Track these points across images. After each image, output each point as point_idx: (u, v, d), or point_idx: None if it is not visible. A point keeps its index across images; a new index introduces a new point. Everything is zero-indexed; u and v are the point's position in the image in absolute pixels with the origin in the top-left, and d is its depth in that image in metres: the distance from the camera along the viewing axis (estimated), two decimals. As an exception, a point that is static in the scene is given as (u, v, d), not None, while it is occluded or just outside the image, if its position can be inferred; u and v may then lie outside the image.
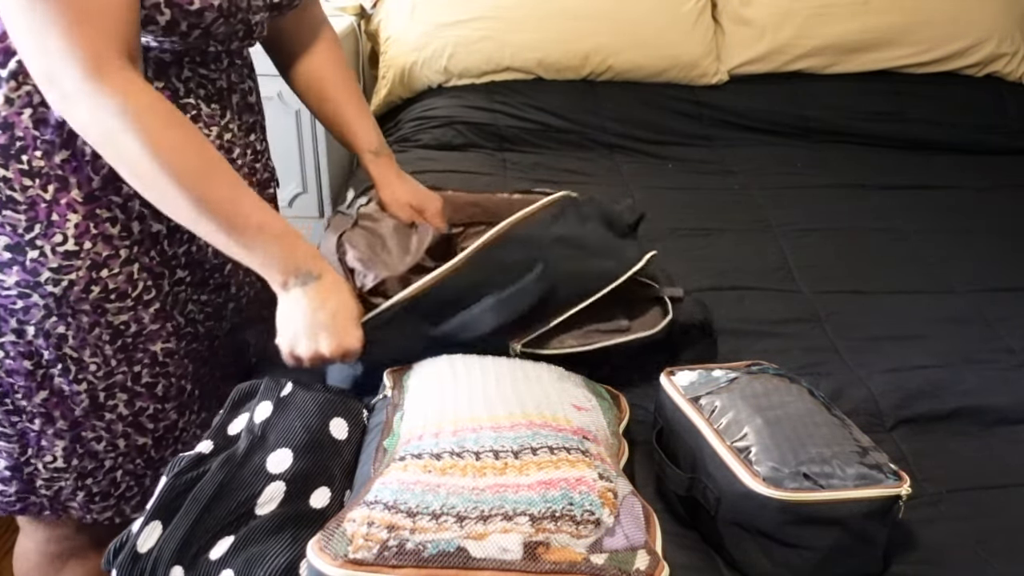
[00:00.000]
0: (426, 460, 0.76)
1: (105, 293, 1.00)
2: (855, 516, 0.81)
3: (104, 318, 1.01)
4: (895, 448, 1.06)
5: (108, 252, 1.00)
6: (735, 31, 2.18)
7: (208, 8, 0.91)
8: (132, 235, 1.01)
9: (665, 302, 1.12)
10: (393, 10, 2.22)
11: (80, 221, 0.97)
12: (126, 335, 1.04)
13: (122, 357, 1.04)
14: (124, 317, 1.03)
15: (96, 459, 1.08)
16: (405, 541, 0.67)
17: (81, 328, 1.01)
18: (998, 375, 1.21)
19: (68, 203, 0.96)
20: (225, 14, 0.94)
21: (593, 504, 0.72)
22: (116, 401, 1.06)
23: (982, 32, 2.17)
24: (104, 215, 0.99)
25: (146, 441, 1.10)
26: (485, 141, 2.00)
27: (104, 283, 1.00)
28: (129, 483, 1.11)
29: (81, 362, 1.02)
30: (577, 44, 2.10)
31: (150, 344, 1.06)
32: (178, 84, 1.00)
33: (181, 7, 0.90)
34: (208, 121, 1.03)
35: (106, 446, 1.07)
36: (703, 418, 0.90)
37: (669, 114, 2.09)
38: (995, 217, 1.74)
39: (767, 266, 1.51)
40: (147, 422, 1.09)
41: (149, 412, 1.09)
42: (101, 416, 1.06)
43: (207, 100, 1.03)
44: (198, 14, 0.91)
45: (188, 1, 0.90)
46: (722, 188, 1.85)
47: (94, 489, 1.09)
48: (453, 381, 0.89)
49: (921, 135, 2.07)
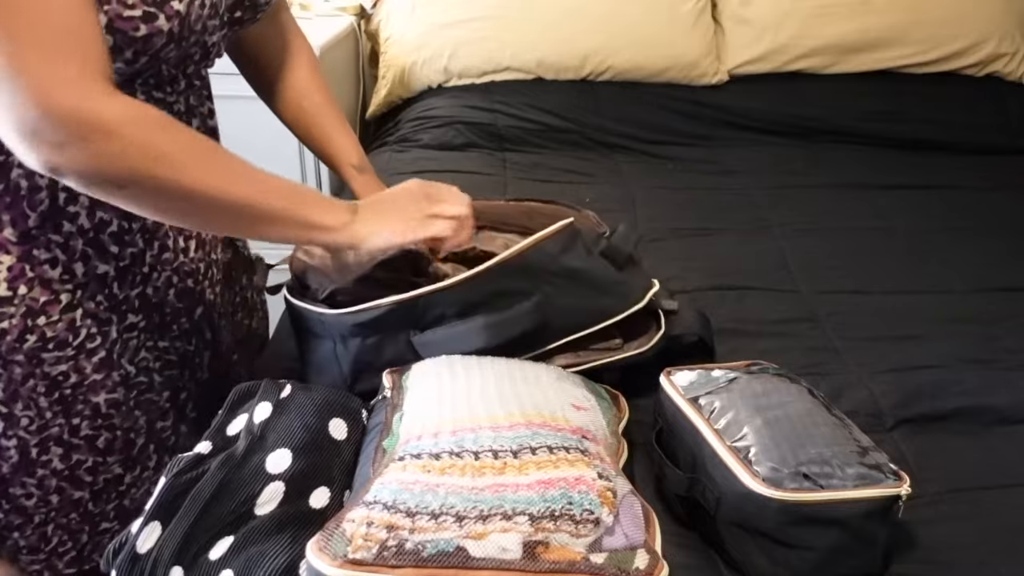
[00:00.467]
0: (425, 460, 0.76)
1: (42, 342, 0.91)
2: (855, 516, 0.81)
3: (40, 368, 0.92)
4: (895, 448, 1.06)
5: (46, 297, 0.90)
6: (735, 31, 2.19)
7: (156, 34, 0.82)
8: (75, 278, 0.91)
9: (659, 316, 1.11)
10: (393, 10, 2.22)
11: (14, 263, 0.88)
12: (64, 386, 0.94)
13: (59, 409, 0.95)
14: (63, 367, 0.93)
15: (24, 514, 0.99)
16: (404, 541, 0.67)
17: (13, 380, 0.91)
18: (998, 375, 1.20)
19: (0, 243, 0.88)
20: (176, 39, 0.84)
21: (592, 503, 0.72)
22: (50, 456, 0.97)
23: (982, 32, 2.17)
24: (42, 256, 0.89)
25: (82, 495, 1.01)
26: (485, 141, 2.00)
27: (41, 331, 0.91)
28: (62, 537, 1.03)
29: (11, 416, 0.93)
30: (577, 44, 2.10)
31: (91, 395, 0.96)
32: None
33: (125, 33, 0.80)
34: None
35: (36, 502, 0.99)
36: (703, 418, 0.90)
37: (669, 114, 2.09)
38: (995, 217, 1.74)
39: (767, 266, 1.51)
40: (84, 475, 1.00)
41: (87, 465, 1.00)
42: (32, 472, 0.97)
43: None
44: (144, 40, 0.82)
45: (133, 27, 0.80)
46: (722, 188, 1.85)
47: (21, 543, 1.01)
48: (452, 381, 0.89)
49: (921, 135, 2.07)
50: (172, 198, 0.80)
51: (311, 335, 1.03)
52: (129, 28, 0.80)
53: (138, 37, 0.81)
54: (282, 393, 0.90)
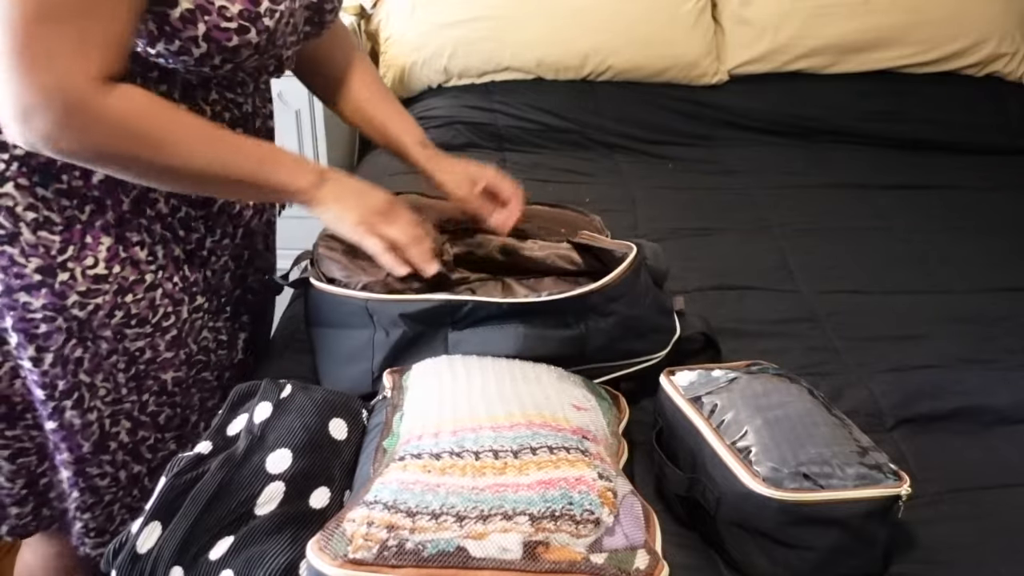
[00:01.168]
0: (425, 460, 0.76)
1: (127, 318, 0.99)
2: (855, 516, 0.81)
3: (123, 344, 1.00)
4: (895, 448, 1.06)
5: (135, 277, 0.98)
6: (735, 31, 2.18)
7: (245, 45, 0.89)
8: (157, 259, 1.00)
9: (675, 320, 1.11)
10: (393, 10, 2.22)
11: (112, 244, 0.96)
12: (139, 362, 1.02)
13: (133, 385, 1.03)
14: (141, 344, 1.01)
15: (97, 494, 1.06)
16: (405, 541, 0.67)
17: (99, 353, 0.99)
18: (998, 375, 1.21)
19: (103, 225, 0.95)
20: (260, 51, 0.91)
21: (593, 503, 0.72)
22: (119, 429, 1.04)
23: (982, 32, 2.17)
24: (134, 238, 0.98)
25: (141, 469, 1.08)
26: (485, 141, 2.00)
27: (127, 308, 0.98)
28: (124, 517, 1.10)
29: (93, 387, 1.00)
30: (577, 44, 2.10)
31: (161, 372, 1.04)
32: (204, 107, 0.98)
33: (219, 43, 0.87)
34: None
35: (109, 482, 1.06)
36: (703, 418, 0.90)
37: (669, 114, 2.09)
38: (995, 217, 1.74)
39: (767, 266, 1.51)
40: (146, 452, 1.08)
41: (149, 442, 1.07)
42: (106, 448, 1.04)
43: (232, 124, 1.01)
44: (234, 50, 0.89)
45: (227, 38, 0.87)
46: (722, 188, 1.85)
47: (91, 524, 1.08)
48: (452, 381, 0.89)
49: (921, 135, 2.07)
50: (152, 172, 0.90)
51: (344, 325, 1.04)
52: (223, 39, 0.87)
53: (229, 47, 0.88)
54: (282, 393, 0.90)
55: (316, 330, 1.08)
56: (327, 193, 0.97)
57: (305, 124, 2.11)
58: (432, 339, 1.00)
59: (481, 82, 2.13)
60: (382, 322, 1.01)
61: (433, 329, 1.00)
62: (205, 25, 0.85)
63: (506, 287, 1.13)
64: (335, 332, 1.05)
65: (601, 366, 1.03)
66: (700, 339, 1.13)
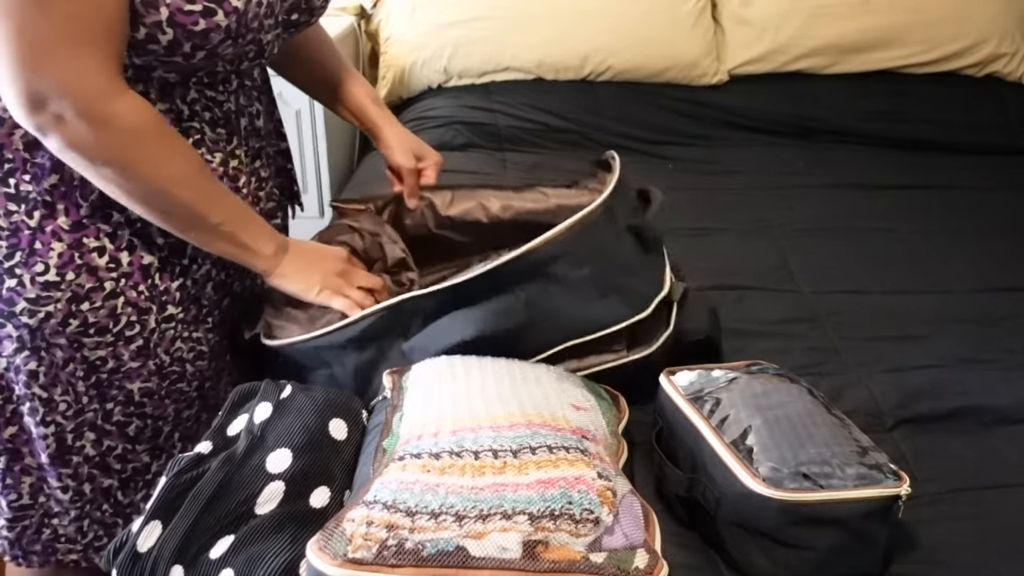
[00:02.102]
0: (425, 460, 0.76)
1: (84, 327, 0.95)
2: (855, 516, 0.81)
3: (80, 353, 0.96)
4: (895, 448, 1.06)
5: (91, 284, 0.94)
6: (735, 31, 2.18)
7: (214, 29, 0.86)
8: (120, 267, 0.96)
9: (670, 315, 1.08)
10: (393, 10, 2.22)
11: (64, 250, 0.92)
12: (101, 371, 0.98)
13: (95, 394, 0.99)
14: (101, 352, 0.97)
15: (61, 504, 1.03)
16: (404, 540, 0.67)
17: (54, 364, 0.96)
18: (998, 375, 1.20)
19: (53, 231, 0.92)
20: (233, 35, 0.88)
21: (592, 503, 0.72)
22: (83, 442, 1.01)
23: (982, 32, 2.17)
24: (91, 244, 0.94)
25: (112, 483, 1.04)
26: (485, 141, 2.00)
27: (84, 316, 0.94)
28: (97, 532, 1.07)
29: (51, 402, 0.97)
30: (577, 44, 2.10)
31: (127, 382, 1.00)
32: (182, 106, 0.95)
33: (184, 27, 0.84)
34: (212, 147, 0.99)
35: (72, 495, 1.03)
36: (703, 418, 0.90)
37: (669, 114, 2.09)
38: (995, 217, 1.74)
39: (767, 266, 1.51)
40: (114, 463, 1.04)
41: (117, 452, 1.03)
42: (68, 461, 1.01)
43: (212, 124, 0.98)
44: (203, 35, 0.86)
45: (192, 21, 0.84)
46: (722, 188, 1.85)
47: (59, 531, 1.05)
48: (452, 381, 0.89)
49: (921, 135, 2.07)
50: (138, 191, 0.89)
51: (303, 369, 1.03)
52: (189, 23, 0.84)
53: (196, 31, 0.85)
54: (282, 394, 0.90)
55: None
56: (288, 265, 1.00)
57: (305, 124, 2.11)
58: (389, 355, 0.99)
59: (481, 82, 2.13)
60: (331, 356, 1.00)
61: (388, 344, 0.99)
62: (168, 9, 0.83)
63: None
64: (302, 378, 1.03)
65: (578, 343, 1.00)
66: (702, 332, 1.11)
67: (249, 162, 1.05)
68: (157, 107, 0.92)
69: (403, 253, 1.17)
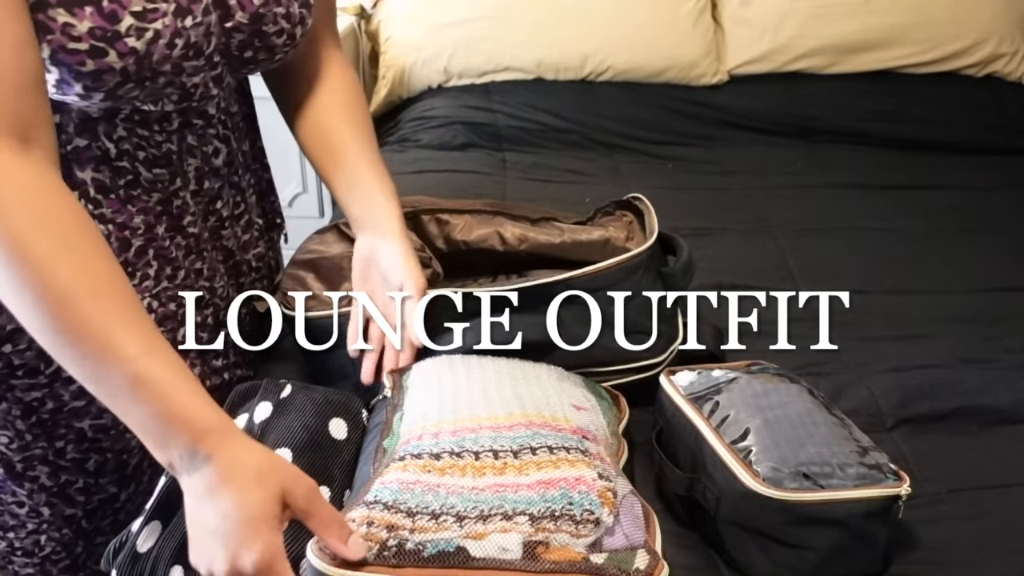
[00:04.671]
0: (425, 460, 0.76)
1: (9, 369, 0.87)
2: (855, 516, 0.81)
3: (11, 394, 0.88)
4: (895, 448, 1.06)
5: (12, 325, 0.85)
6: (735, 31, 2.18)
7: (107, 71, 0.74)
8: None
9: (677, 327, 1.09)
10: (393, 10, 2.22)
11: None
12: (41, 412, 0.90)
13: (39, 432, 0.91)
14: (37, 394, 0.89)
15: (17, 519, 0.97)
16: (405, 541, 0.67)
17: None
18: (998, 375, 1.20)
19: None
20: (135, 79, 0.76)
21: (592, 503, 0.72)
22: (36, 472, 0.94)
23: (982, 32, 2.17)
24: None
25: (75, 512, 0.98)
26: (485, 141, 2.00)
27: (7, 359, 0.86)
28: (55, 548, 1.00)
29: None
30: (577, 44, 2.10)
31: (74, 421, 0.91)
32: (108, 144, 0.84)
33: (70, 67, 0.73)
34: (149, 187, 0.88)
35: (28, 511, 0.96)
36: (703, 418, 0.90)
37: (669, 114, 2.09)
38: (995, 217, 1.74)
39: (767, 266, 1.51)
40: (76, 495, 0.96)
41: (78, 485, 0.96)
42: (21, 484, 0.94)
43: (148, 165, 0.87)
44: (94, 76, 0.74)
45: (78, 61, 0.73)
46: (722, 188, 1.85)
47: (15, 544, 0.99)
48: (452, 381, 0.89)
49: (921, 135, 2.07)
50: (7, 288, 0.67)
51: (327, 342, 1.02)
52: (74, 62, 0.73)
53: (85, 72, 0.74)
54: (282, 393, 0.90)
55: (306, 351, 1.06)
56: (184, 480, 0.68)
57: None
58: None
59: (481, 82, 2.13)
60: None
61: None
62: (49, 46, 0.72)
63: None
64: (324, 351, 1.03)
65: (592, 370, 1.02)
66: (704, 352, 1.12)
67: (203, 203, 0.95)
68: (75, 142, 0.82)
69: (424, 250, 1.17)
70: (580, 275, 0.99)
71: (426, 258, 1.14)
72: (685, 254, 1.09)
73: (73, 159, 0.83)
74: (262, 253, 1.08)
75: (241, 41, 0.86)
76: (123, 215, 0.88)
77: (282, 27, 0.88)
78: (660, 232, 1.09)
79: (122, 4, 0.74)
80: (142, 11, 0.75)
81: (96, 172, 0.85)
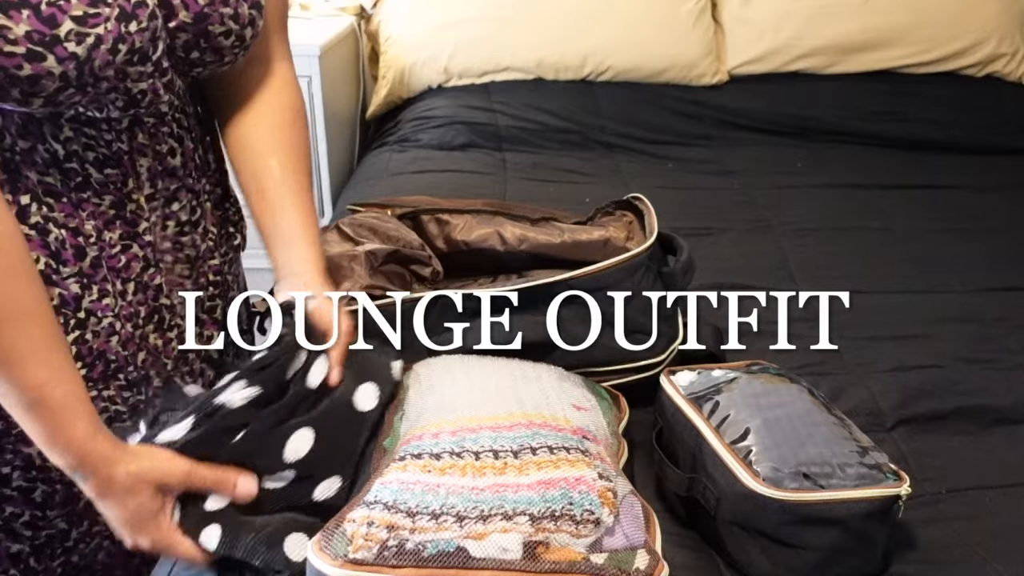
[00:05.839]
0: (426, 460, 0.76)
1: None
2: (855, 516, 0.81)
3: None
4: (895, 448, 1.06)
5: None
6: (735, 31, 2.19)
7: (45, 76, 0.71)
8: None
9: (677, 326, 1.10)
10: (393, 10, 2.22)
11: None
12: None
13: None
14: None
15: None
16: (405, 541, 0.67)
17: None
18: (998, 375, 1.21)
19: None
20: (76, 84, 0.74)
21: (593, 503, 0.72)
22: None
23: (982, 32, 2.17)
24: None
25: (22, 548, 0.92)
26: (485, 141, 2.00)
27: None
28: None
29: None
30: (577, 44, 2.11)
31: (22, 446, 0.86)
32: (56, 146, 0.80)
33: (6, 71, 0.70)
34: (100, 190, 0.84)
35: None
36: (703, 418, 0.90)
37: (669, 114, 2.09)
38: (995, 217, 1.74)
39: (767, 266, 1.51)
40: (22, 529, 0.91)
41: (24, 519, 0.90)
42: None
43: (98, 165, 0.84)
44: (31, 81, 0.71)
45: (15, 64, 0.70)
46: (722, 188, 1.85)
47: None
48: (453, 381, 0.89)
49: (921, 135, 2.07)
50: None
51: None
52: (11, 66, 0.70)
53: (22, 76, 0.71)
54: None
55: None
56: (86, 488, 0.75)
57: (305, 124, 2.10)
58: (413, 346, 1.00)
59: (481, 82, 2.13)
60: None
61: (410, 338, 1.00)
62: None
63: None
64: None
65: (591, 370, 1.03)
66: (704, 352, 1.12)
67: (160, 205, 0.90)
68: (19, 144, 0.79)
69: (424, 250, 1.17)
70: (580, 275, 0.99)
71: (426, 257, 1.14)
72: (685, 254, 1.09)
73: (21, 161, 0.80)
74: (218, 266, 1.01)
75: (186, 42, 0.84)
76: (75, 219, 0.84)
77: (229, 28, 0.85)
78: (660, 232, 1.09)
79: (61, 8, 0.72)
80: (83, 15, 0.73)
81: (44, 175, 0.82)
